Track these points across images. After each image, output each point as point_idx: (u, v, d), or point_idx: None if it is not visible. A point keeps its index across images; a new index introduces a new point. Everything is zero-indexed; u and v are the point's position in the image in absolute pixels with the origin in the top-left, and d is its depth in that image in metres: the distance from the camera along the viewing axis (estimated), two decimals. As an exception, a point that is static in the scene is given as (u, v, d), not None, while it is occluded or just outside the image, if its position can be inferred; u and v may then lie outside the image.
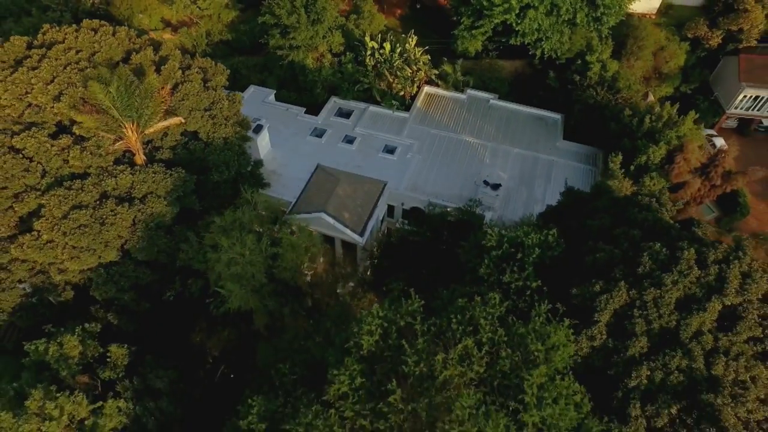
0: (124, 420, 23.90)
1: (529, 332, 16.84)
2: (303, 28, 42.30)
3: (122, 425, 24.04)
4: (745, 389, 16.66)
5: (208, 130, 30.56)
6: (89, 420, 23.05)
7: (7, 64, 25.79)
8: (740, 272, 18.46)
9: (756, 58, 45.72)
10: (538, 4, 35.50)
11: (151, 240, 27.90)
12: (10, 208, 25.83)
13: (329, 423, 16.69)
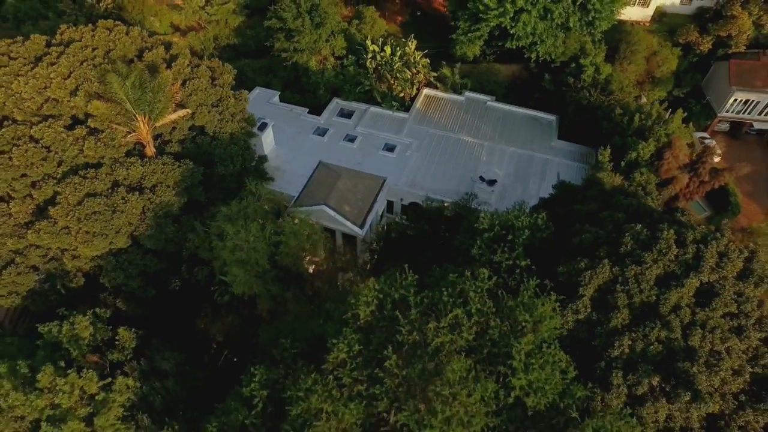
0: (132, 397, 24.94)
1: (518, 305, 17.93)
2: (307, 31, 43.95)
3: (130, 402, 25.07)
4: (720, 359, 17.66)
5: (215, 125, 31.96)
6: (99, 395, 24.11)
7: (28, 60, 27.28)
8: (717, 252, 19.56)
9: (745, 63, 47.08)
10: (531, 9, 37.03)
11: (160, 228, 29.15)
12: (28, 195, 27.15)
13: (328, 388, 17.72)
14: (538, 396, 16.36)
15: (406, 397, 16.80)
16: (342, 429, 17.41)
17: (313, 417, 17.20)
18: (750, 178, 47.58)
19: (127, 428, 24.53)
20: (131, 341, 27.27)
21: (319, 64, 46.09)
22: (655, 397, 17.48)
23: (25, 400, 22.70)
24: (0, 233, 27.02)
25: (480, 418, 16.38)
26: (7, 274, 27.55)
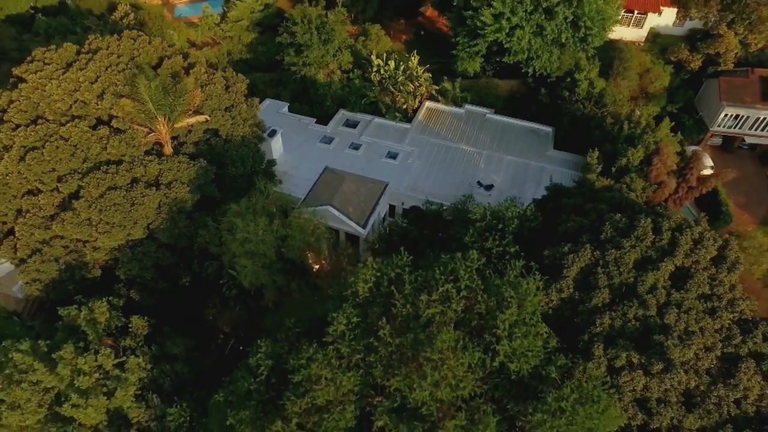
0: (143, 377, 26.44)
1: (504, 283, 19.47)
2: (315, 46, 46.58)
3: (141, 384, 26.55)
4: (693, 334, 19.02)
5: (227, 128, 34.15)
6: (114, 372, 25.65)
7: (60, 66, 29.71)
8: (692, 239, 21.10)
9: (735, 80, 49.03)
10: (525, 25, 39.36)
11: (174, 222, 31.04)
12: (55, 189, 29.21)
13: (328, 357, 19.21)
14: (521, 362, 17.77)
15: (398, 364, 18.25)
16: (340, 395, 18.82)
17: (313, 383, 18.63)
18: (742, 190, 49.20)
19: (138, 407, 26.03)
20: (143, 328, 28.85)
21: (327, 77, 48.58)
22: (632, 368, 18.81)
23: (49, 372, 24.27)
24: (29, 224, 29.01)
25: (467, 382, 17.79)
26: (32, 262, 29.44)
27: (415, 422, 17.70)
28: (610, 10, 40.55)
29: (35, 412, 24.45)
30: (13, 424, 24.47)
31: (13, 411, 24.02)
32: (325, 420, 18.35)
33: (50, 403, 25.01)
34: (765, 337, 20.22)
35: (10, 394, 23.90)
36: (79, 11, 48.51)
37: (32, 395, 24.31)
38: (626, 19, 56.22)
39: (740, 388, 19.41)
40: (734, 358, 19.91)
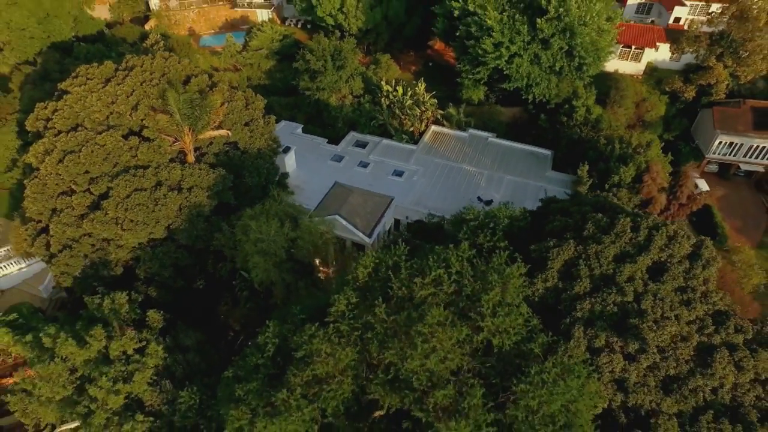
0: (159, 363, 28.25)
1: (489, 269, 21.35)
2: (329, 73, 50.09)
3: (155, 371, 28.33)
4: (666, 318, 20.57)
5: (246, 141, 37.04)
6: (134, 356, 27.55)
7: (100, 81, 33.06)
8: (666, 236, 22.90)
9: (728, 110, 51.33)
10: (523, 53, 42.33)
11: (192, 224, 33.49)
12: (87, 190, 31.99)
13: (328, 334, 21.04)
14: (504, 337, 19.43)
15: (392, 339, 20.00)
16: (339, 369, 20.53)
17: (314, 357, 20.39)
18: (739, 215, 50.63)
19: (152, 391, 27.75)
20: (159, 322, 30.77)
21: (339, 101, 51.86)
22: (611, 350, 20.33)
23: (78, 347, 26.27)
24: (62, 222, 31.66)
25: (455, 355, 19.45)
26: (63, 257, 31.90)
27: (405, 391, 19.31)
28: (603, 42, 43.44)
29: (64, 387, 26.33)
30: (44, 396, 26.36)
31: (46, 383, 25.96)
32: (324, 391, 20.02)
33: (77, 384, 26.91)
34: (737, 328, 21.63)
35: (44, 368, 25.89)
36: (115, 39, 52.90)
37: (62, 371, 26.27)
38: (624, 53, 59.44)
39: (716, 377, 20.70)
40: (709, 348, 21.28)
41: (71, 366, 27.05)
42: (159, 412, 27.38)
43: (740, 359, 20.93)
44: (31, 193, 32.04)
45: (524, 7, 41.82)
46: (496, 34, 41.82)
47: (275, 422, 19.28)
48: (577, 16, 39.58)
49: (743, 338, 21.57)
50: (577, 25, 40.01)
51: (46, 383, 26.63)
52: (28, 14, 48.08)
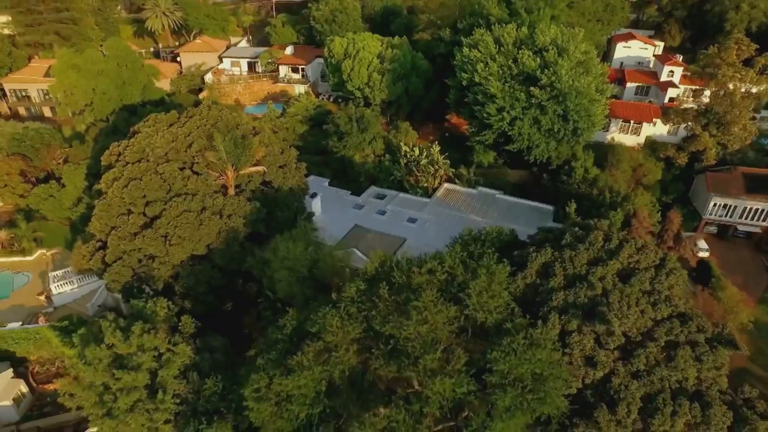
0: (188, 361, 31.89)
1: (479, 266, 25.31)
2: (354, 134, 57.15)
3: (184, 367, 31.90)
4: (629, 308, 23.76)
5: (279, 180, 42.96)
6: (165, 354, 31.36)
7: (165, 124, 40.19)
8: (635, 247, 26.63)
9: (721, 176, 55.56)
10: (523, 117, 48.43)
11: (228, 246, 38.48)
12: (142, 212, 37.77)
13: (339, 314, 24.87)
14: (486, 313, 22.90)
15: (392, 314, 23.70)
16: (347, 340, 24.09)
17: (326, 331, 24.12)
18: (740, 272, 52.70)
19: (180, 383, 31.18)
20: (191, 327, 34.81)
21: (362, 159, 58.38)
22: (582, 333, 23.45)
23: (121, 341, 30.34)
24: (118, 236, 37.16)
25: (443, 329, 22.94)
26: (116, 266, 37.00)
27: (402, 358, 22.66)
28: (595, 110, 49.34)
29: (102, 373, 30.08)
30: (86, 380, 30.08)
31: (88, 367, 29.82)
32: (333, 358, 23.51)
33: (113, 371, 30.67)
34: (699, 328, 24.53)
35: (90, 352, 29.90)
36: (173, 104, 61.95)
37: (103, 357, 30.18)
38: (624, 127, 65.39)
39: (679, 369, 23.39)
40: (674, 344, 24.16)
41: (113, 354, 30.97)
42: (186, 400, 30.56)
43: (700, 354, 23.64)
44: (98, 212, 38.01)
45: (523, 78, 48.59)
46: (499, 99, 48.36)
47: (289, 379, 22.67)
48: (568, 84, 45.86)
49: (704, 337, 24.35)
50: (568, 92, 46.17)
51: (88, 367, 30.46)
52: (110, 82, 57.69)
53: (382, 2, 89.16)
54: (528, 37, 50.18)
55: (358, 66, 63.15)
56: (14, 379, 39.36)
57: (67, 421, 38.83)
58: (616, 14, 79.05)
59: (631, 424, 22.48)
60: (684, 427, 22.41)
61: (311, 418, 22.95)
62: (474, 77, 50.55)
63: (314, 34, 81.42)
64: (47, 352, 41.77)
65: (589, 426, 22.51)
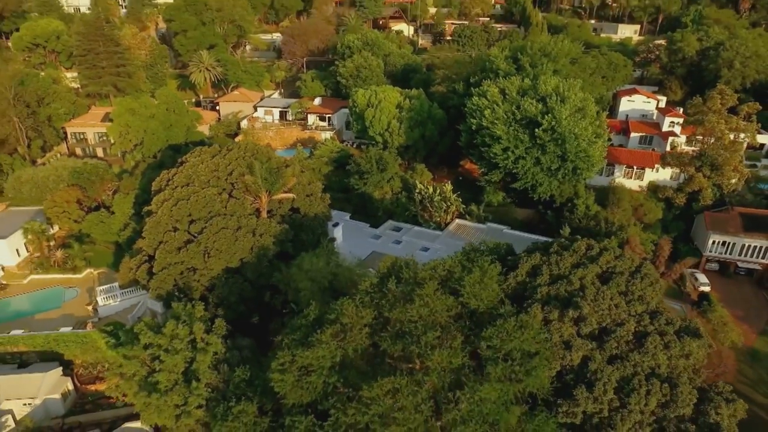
0: (219, 355, 35.98)
1: (474, 266, 29.52)
2: (374, 173, 62.90)
3: (215, 360, 35.97)
4: (603, 300, 27.39)
5: (306, 207, 48.33)
6: (200, 344, 35.60)
7: (209, 155, 46.53)
8: (614, 255, 30.54)
9: (719, 215, 58.84)
10: (527, 156, 53.47)
11: (259, 262, 43.35)
12: (186, 230, 43.25)
13: (355, 303, 29.09)
14: (478, 301, 26.82)
15: (399, 302, 27.82)
16: (360, 324, 28.15)
17: (343, 315, 28.30)
18: (741, 307, 54.76)
19: (212, 373, 35.16)
20: (222, 329, 39.11)
21: (381, 196, 63.73)
22: (561, 322, 27.08)
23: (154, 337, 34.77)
24: (165, 250, 42.50)
25: (443, 314, 26.89)
26: (161, 275, 42.08)
27: (406, 338, 26.56)
28: (593, 152, 54.14)
29: (141, 366, 34.37)
30: (128, 373, 34.34)
31: (129, 361, 34.20)
32: (348, 336, 27.54)
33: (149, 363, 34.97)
34: (667, 321, 27.93)
35: (129, 350, 34.37)
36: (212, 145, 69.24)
37: (140, 353, 34.56)
38: (628, 172, 69.75)
39: (650, 355, 26.72)
40: (644, 334, 27.58)
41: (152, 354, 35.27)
42: (216, 388, 34.40)
43: (668, 342, 26.95)
44: (149, 228, 43.65)
45: (526, 122, 54.09)
46: (504, 141, 53.74)
47: (309, 351, 26.70)
48: (567, 128, 51.02)
49: (672, 329, 27.72)
50: (567, 135, 51.28)
51: (130, 362, 34.80)
52: (159, 125, 65.53)
53: (403, 60, 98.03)
54: (531, 87, 56.18)
55: (379, 114, 70.02)
56: (62, 377, 43.75)
57: (105, 418, 42.75)
58: (619, 71, 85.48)
59: (607, 402, 25.53)
60: (656, 406, 25.35)
61: (327, 388, 26.70)
62: (482, 121, 56.35)
63: (340, 88, 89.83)
64: (91, 356, 46.29)
65: (572, 405, 25.64)
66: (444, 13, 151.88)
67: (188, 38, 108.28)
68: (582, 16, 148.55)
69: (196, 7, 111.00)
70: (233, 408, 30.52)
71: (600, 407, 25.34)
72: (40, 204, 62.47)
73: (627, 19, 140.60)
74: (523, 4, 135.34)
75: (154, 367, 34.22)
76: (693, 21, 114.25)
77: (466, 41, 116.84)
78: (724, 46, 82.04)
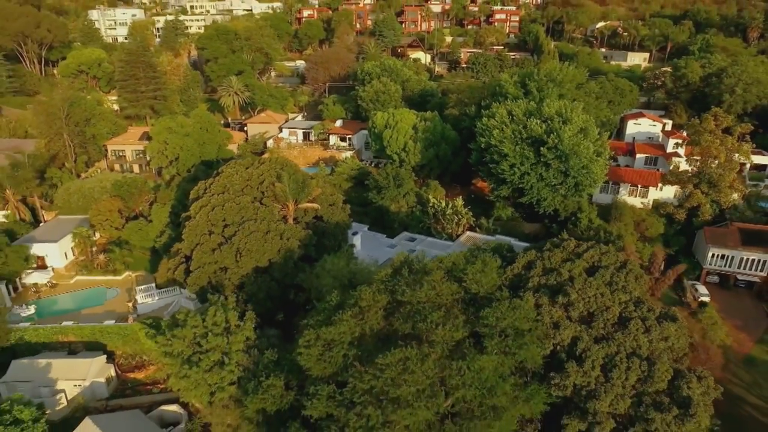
0: (250, 341, 40.33)
1: (477, 260, 33.66)
2: (391, 189, 67.64)
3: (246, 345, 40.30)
4: (590, 288, 31.14)
5: (328, 215, 53.09)
6: (234, 329, 40.04)
7: (242, 167, 51.87)
8: (600, 252, 34.42)
9: (718, 230, 61.82)
10: (531, 173, 57.70)
11: (285, 262, 47.97)
12: (221, 233, 48.26)
13: (372, 291, 33.34)
14: (479, 286, 30.82)
15: (411, 287, 31.99)
16: (376, 307, 32.31)
17: (361, 299, 32.55)
18: (740, 317, 57.19)
19: (244, 355, 39.44)
20: (252, 319, 43.49)
21: (397, 209, 68.27)
22: (551, 306, 30.90)
23: (199, 320, 39.38)
24: (201, 251, 47.46)
25: (448, 297, 30.97)
26: (197, 273, 46.94)
27: (415, 317, 30.63)
28: (594, 169, 58.09)
29: (188, 346, 38.86)
30: (174, 351, 38.83)
31: (178, 340, 38.75)
32: (365, 316, 31.72)
33: (195, 343, 39.45)
34: (648, 308, 31.54)
35: (177, 332, 38.96)
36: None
37: (188, 333, 39.11)
38: (633, 190, 73.20)
39: (632, 336, 30.31)
40: (627, 318, 31.22)
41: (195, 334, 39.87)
42: (247, 368, 38.62)
43: (649, 326, 30.53)
44: (187, 231, 48.78)
45: (531, 141, 58.50)
46: (511, 158, 58.13)
47: (332, 328, 30.92)
48: (569, 146, 55.24)
49: (653, 315, 31.32)
50: (569, 153, 55.45)
51: (178, 340, 39.37)
52: (194, 142, 71.70)
53: (420, 86, 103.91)
54: (536, 109, 60.81)
55: (396, 134, 75.23)
56: (107, 364, 48.45)
57: (143, 402, 47.07)
58: (625, 96, 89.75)
59: (595, 377, 29.03)
60: (636, 381, 28.78)
61: (346, 361, 30.75)
62: (491, 140, 60.95)
63: (360, 111, 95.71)
64: (131, 348, 51.01)
65: (563, 378, 29.23)
66: (460, 42, 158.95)
67: (219, 65, 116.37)
68: (594, 45, 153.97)
69: (227, 37, 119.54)
70: (263, 383, 34.66)
71: (588, 380, 28.87)
72: (85, 213, 68.50)
73: (637, 48, 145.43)
74: (536, 34, 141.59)
75: (196, 348, 38.66)
76: (700, 49, 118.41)
77: (480, 68, 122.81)
78: (726, 72, 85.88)
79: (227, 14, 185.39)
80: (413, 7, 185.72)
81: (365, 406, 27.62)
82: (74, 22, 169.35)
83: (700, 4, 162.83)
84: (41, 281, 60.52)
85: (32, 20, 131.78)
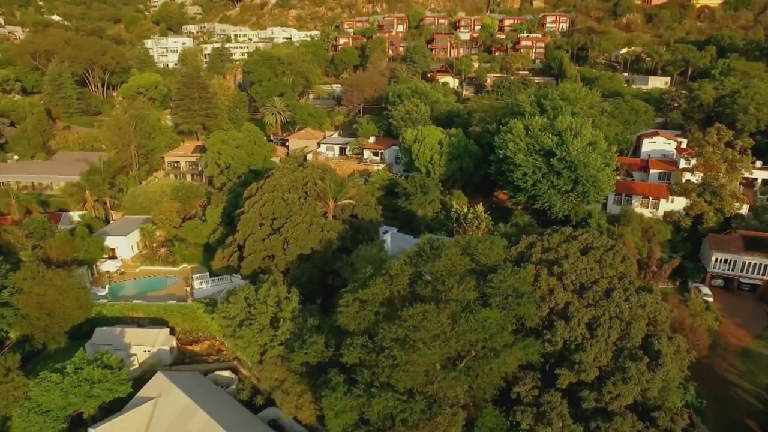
0: (296, 311, 47.73)
1: (487, 240, 40.44)
2: (418, 195, 75.00)
3: (292, 315, 47.68)
4: (581, 263, 37.36)
5: (362, 213, 60.75)
6: (283, 301, 47.57)
7: (290, 171, 60.30)
8: (592, 236, 40.71)
9: (722, 237, 66.38)
10: (543, 180, 64.13)
11: (325, 251, 55.58)
12: (270, 225, 56.38)
13: (400, 263, 40.42)
14: (487, 258, 37.50)
15: (430, 261, 38.92)
16: (404, 276, 39.27)
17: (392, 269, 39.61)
18: (742, 316, 61.28)
19: (291, 323, 46.77)
20: (297, 295, 50.90)
21: (423, 214, 75.43)
22: (548, 276, 37.29)
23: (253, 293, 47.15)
24: (252, 240, 55.60)
25: (462, 267, 37.77)
26: (249, 259, 55.06)
27: (434, 282, 37.41)
28: (602, 178, 64.09)
29: (240, 313, 46.55)
30: (231, 314, 46.56)
31: (233, 305, 46.53)
32: (394, 282, 38.72)
33: (247, 309, 47.12)
34: (630, 282, 37.55)
35: (233, 298, 46.79)
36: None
37: (241, 300, 46.86)
38: (644, 202, 78.39)
39: (614, 303, 36.36)
40: (612, 289, 37.32)
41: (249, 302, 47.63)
42: (293, 332, 45.94)
43: (629, 295, 36.54)
44: (242, 223, 57.14)
45: (543, 153, 65.15)
46: (523, 167, 64.81)
47: (366, 289, 38.03)
48: (577, 157, 61.62)
49: (633, 287, 37.31)
50: (578, 164, 61.79)
51: (233, 305, 47.16)
52: (244, 153, 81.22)
53: (447, 107, 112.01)
54: (549, 125, 67.58)
55: (423, 148, 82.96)
56: (170, 336, 56.62)
57: (199, 369, 54.79)
58: (640, 116, 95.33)
59: (580, 334, 35.10)
60: (616, 338, 34.69)
61: (377, 317, 37.69)
62: (507, 153, 67.90)
63: (392, 129, 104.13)
64: (189, 325, 59.15)
65: (553, 334, 35.42)
66: (486, 67, 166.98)
67: (262, 87, 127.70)
68: (617, 69, 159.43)
69: (271, 62, 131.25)
70: (307, 340, 41.85)
71: (574, 335, 34.96)
72: (147, 213, 78.28)
73: (660, 72, 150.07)
74: (561, 60, 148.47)
75: (248, 314, 46.34)
76: (721, 73, 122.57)
77: (504, 91, 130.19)
78: (739, 93, 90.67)
79: (268, 42, 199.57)
80: (443, 35, 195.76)
81: (391, 349, 34.43)
82: (131, 50, 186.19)
83: (726, 30, 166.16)
84: (112, 269, 69.98)
85: (99, 49, 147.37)
